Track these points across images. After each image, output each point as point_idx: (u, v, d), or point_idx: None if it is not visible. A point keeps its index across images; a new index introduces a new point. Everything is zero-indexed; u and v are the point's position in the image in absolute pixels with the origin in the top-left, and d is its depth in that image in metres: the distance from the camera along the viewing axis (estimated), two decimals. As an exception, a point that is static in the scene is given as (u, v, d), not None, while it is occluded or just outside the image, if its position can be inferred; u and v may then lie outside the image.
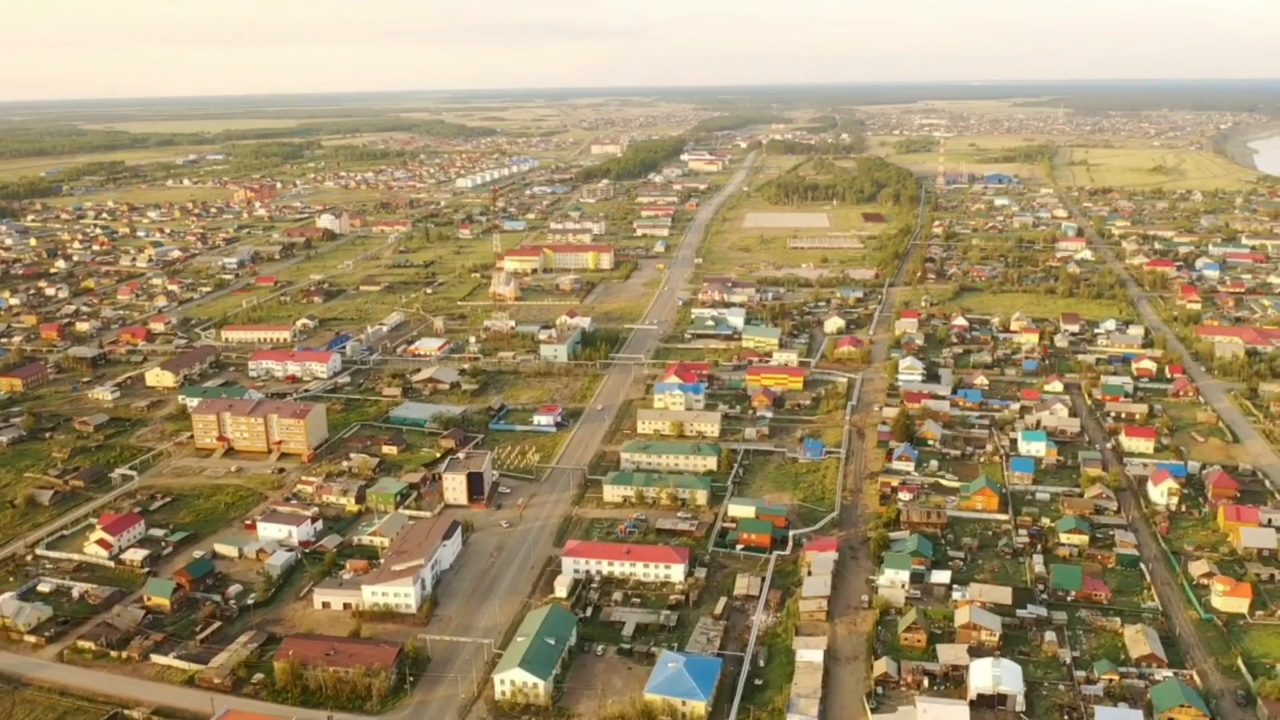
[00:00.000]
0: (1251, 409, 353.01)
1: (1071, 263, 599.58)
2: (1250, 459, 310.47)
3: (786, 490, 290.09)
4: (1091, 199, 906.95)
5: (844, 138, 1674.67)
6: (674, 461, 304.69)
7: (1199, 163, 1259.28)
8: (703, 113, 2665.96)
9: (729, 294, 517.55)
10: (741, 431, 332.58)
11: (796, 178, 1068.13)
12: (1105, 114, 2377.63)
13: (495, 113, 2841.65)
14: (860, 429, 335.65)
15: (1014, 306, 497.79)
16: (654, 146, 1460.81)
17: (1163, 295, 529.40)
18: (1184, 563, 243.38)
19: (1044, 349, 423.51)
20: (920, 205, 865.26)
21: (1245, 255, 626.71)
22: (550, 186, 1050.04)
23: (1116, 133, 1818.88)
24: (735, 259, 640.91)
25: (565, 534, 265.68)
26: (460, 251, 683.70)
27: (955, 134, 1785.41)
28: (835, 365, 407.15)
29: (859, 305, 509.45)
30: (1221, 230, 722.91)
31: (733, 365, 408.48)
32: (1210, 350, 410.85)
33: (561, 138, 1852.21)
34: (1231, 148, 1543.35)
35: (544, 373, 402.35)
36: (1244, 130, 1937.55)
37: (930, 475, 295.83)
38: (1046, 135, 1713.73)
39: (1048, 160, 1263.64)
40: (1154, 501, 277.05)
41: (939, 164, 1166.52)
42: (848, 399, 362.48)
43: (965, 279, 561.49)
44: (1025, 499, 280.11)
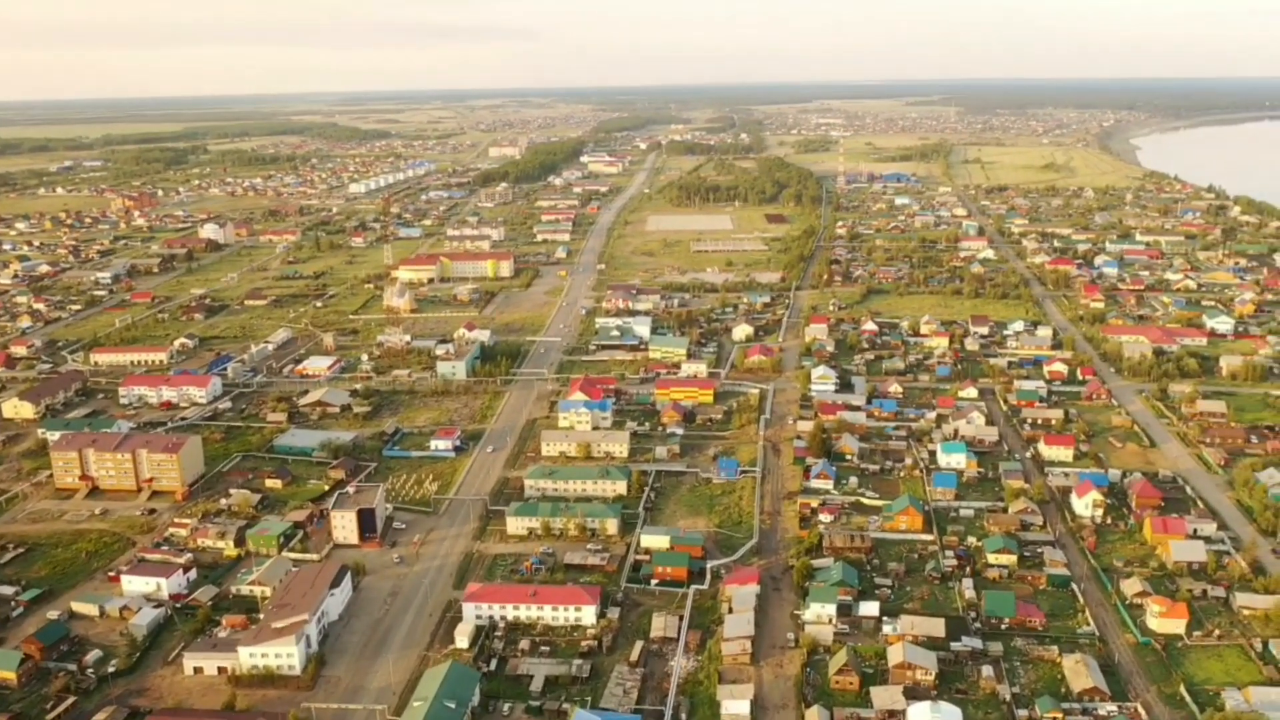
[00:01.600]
0: (1164, 411, 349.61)
1: (975, 262, 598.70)
2: (1169, 464, 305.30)
3: (701, 514, 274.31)
4: (989, 197, 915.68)
5: (743, 138, 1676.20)
6: (581, 487, 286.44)
7: (1087, 160, 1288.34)
8: (601, 113, 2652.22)
9: (634, 301, 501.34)
10: (652, 451, 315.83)
11: (698, 179, 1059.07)
12: (994, 112, 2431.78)
13: (390, 115, 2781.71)
14: (775, 444, 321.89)
15: (922, 309, 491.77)
16: (553, 148, 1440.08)
17: (1066, 294, 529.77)
18: (1116, 581, 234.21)
19: (955, 353, 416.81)
20: (822, 205, 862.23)
21: (1141, 252, 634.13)
22: (447, 191, 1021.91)
23: (1006, 131, 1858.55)
24: (639, 264, 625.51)
25: (466, 573, 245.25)
26: (353, 261, 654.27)
27: (852, 133, 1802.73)
28: (746, 375, 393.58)
29: (766, 310, 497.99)
30: (1116, 227, 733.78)
31: (640, 378, 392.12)
32: (1118, 351, 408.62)
33: (459, 140, 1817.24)
34: (1115, 145, 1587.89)
35: (442, 391, 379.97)
36: (1125, 128, 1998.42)
37: (850, 493, 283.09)
38: (940, 134, 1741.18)
39: (943, 159, 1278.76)
40: (1079, 514, 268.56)
41: (839, 163, 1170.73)
42: (760, 412, 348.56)
43: (872, 281, 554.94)
44: (949, 516, 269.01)
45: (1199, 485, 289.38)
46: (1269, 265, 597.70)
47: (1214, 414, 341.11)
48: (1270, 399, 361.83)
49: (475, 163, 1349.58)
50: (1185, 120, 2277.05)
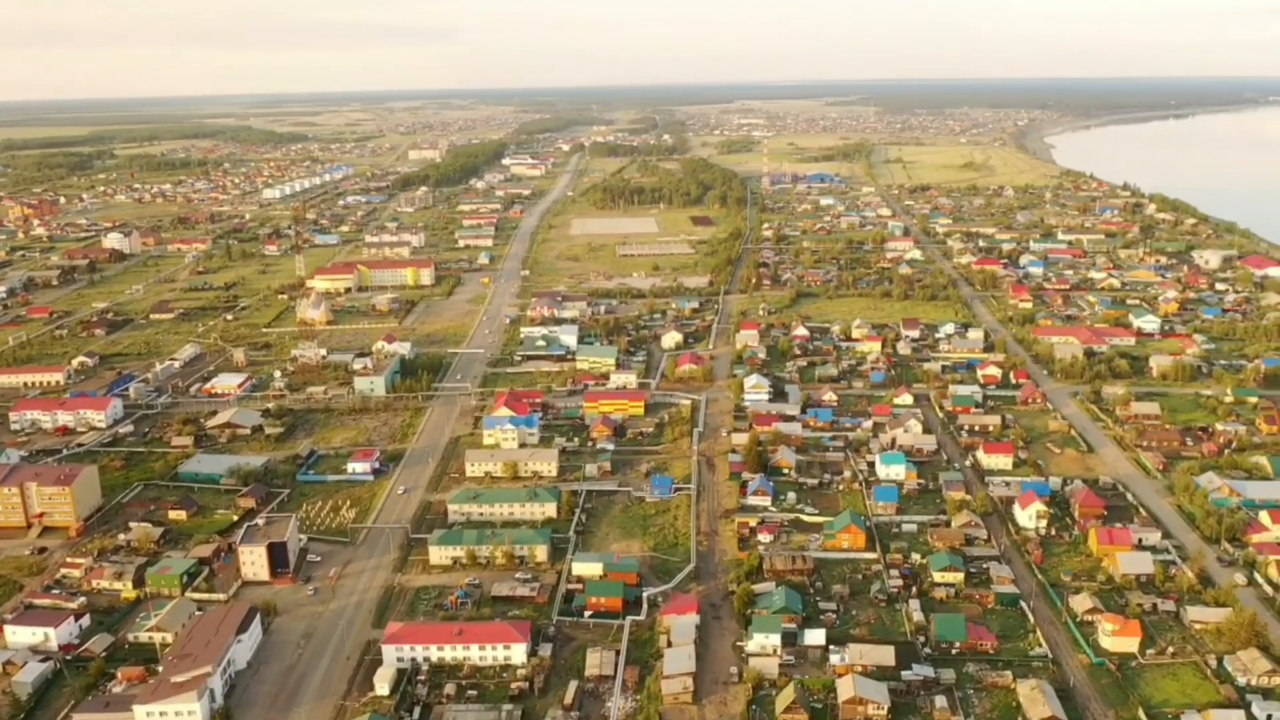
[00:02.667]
0: (1098, 414, 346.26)
1: (903, 263, 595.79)
2: (1107, 469, 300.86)
3: (635, 537, 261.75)
4: (912, 197, 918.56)
5: (666, 139, 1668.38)
6: (509, 510, 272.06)
7: (1005, 159, 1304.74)
8: (523, 115, 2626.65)
9: (559, 309, 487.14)
10: (581, 469, 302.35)
11: (622, 180, 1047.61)
12: (912, 112, 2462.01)
13: (307, 118, 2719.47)
14: (709, 459, 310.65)
15: (852, 312, 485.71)
16: (474, 151, 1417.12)
17: (994, 295, 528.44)
18: (1065, 597, 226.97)
19: (888, 357, 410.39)
20: (748, 207, 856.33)
21: (1064, 251, 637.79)
22: (365, 195, 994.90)
23: (925, 130, 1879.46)
24: (564, 269, 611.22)
25: (387, 610, 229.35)
26: (266, 270, 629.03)
27: (774, 133, 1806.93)
28: (677, 385, 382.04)
29: (695, 316, 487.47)
30: (1038, 226, 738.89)
31: (568, 390, 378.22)
32: (1050, 352, 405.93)
33: (377, 143, 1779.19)
34: (1031, 143, 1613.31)
35: (359, 409, 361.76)
36: (1040, 126, 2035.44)
37: (789, 510, 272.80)
38: (861, 133, 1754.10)
39: (865, 158, 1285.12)
40: (1023, 526, 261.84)
41: (763, 164, 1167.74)
42: (693, 424, 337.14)
43: (801, 284, 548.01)
44: (892, 532, 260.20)
45: (1139, 491, 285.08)
46: (1188, 263, 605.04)
47: (1148, 416, 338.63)
48: (1202, 399, 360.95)
49: (395, 166, 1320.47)
50: (1095, 119, 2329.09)
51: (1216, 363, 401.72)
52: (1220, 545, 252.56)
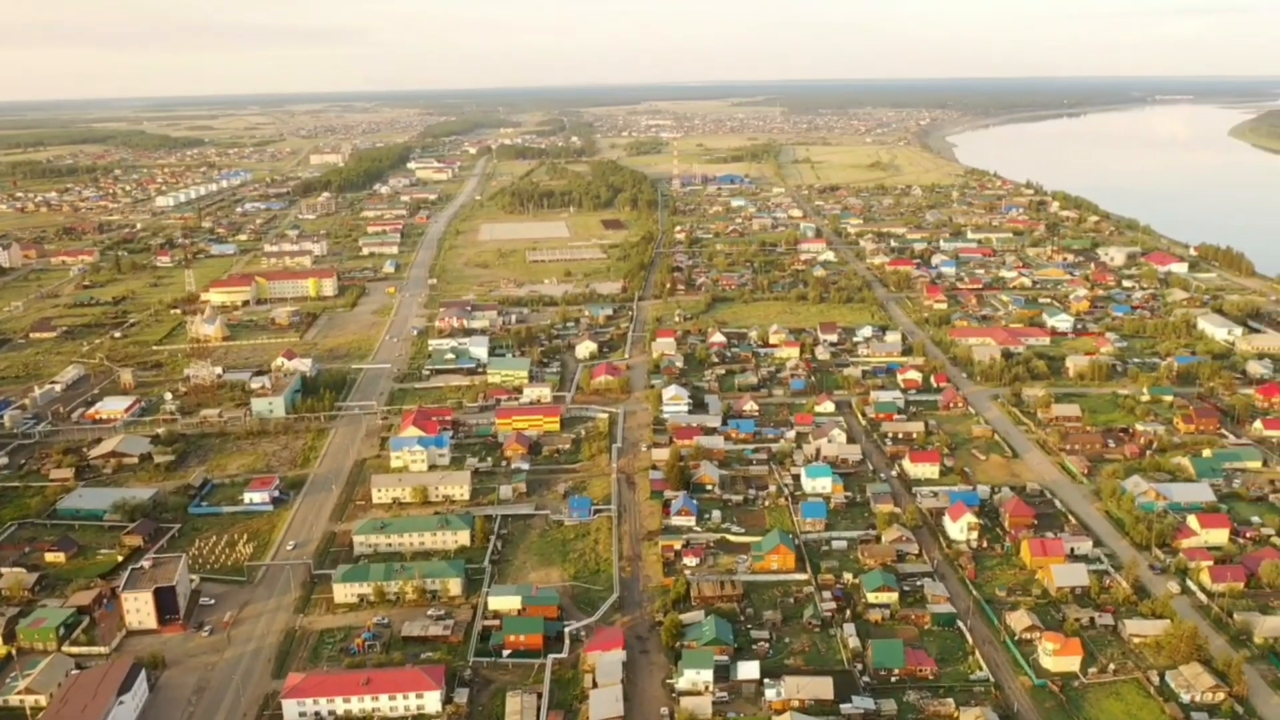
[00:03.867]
0: (1020, 417, 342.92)
1: (817, 265, 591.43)
2: (1034, 475, 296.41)
3: (555, 564, 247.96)
4: (822, 197, 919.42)
5: (574, 141, 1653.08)
6: (419, 540, 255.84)
7: (910, 158, 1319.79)
8: (429, 117, 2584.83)
9: (469, 319, 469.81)
10: (496, 491, 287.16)
11: (530, 184, 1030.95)
12: (817, 112, 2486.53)
13: (204, 121, 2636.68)
14: (629, 476, 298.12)
15: (769, 316, 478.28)
16: (379, 155, 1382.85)
17: (909, 296, 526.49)
18: (1002, 615, 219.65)
19: (807, 363, 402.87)
20: (659, 209, 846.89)
21: (975, 250, 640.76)
22: (264, 202, 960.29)
23: (831, 130, 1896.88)
24: (473, 277, 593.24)
25: (288, 657, 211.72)
26: (158, 283, 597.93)
27: (683, 135, 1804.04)
28: (593, 398, 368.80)
29: (610, 324, 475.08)
30: (948, 225, 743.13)
31: (479, 405, 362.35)
32: (968, 354, 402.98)
33: (278, 147, 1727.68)
34: (934, 142, 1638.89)
35: (257, 432, 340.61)
36: (941, 125, 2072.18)
37: (714, 530, 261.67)
38: (768, 134, 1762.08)
39: (774, 159, 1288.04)
40: (954, 539, 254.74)
41: (673, 165, 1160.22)
42: (611, 439, 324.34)
43: (716, 288, 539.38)
44: (821, 550, 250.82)
45: (1066, 497, 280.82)
46: (1094, 260, 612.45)
47: (1070, 418, 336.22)
48: (1119, 399, 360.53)
49: (295, 171, 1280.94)
50: (994, 118, 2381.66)
51: (1130, 361, 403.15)
52: (1151, 552, 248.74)
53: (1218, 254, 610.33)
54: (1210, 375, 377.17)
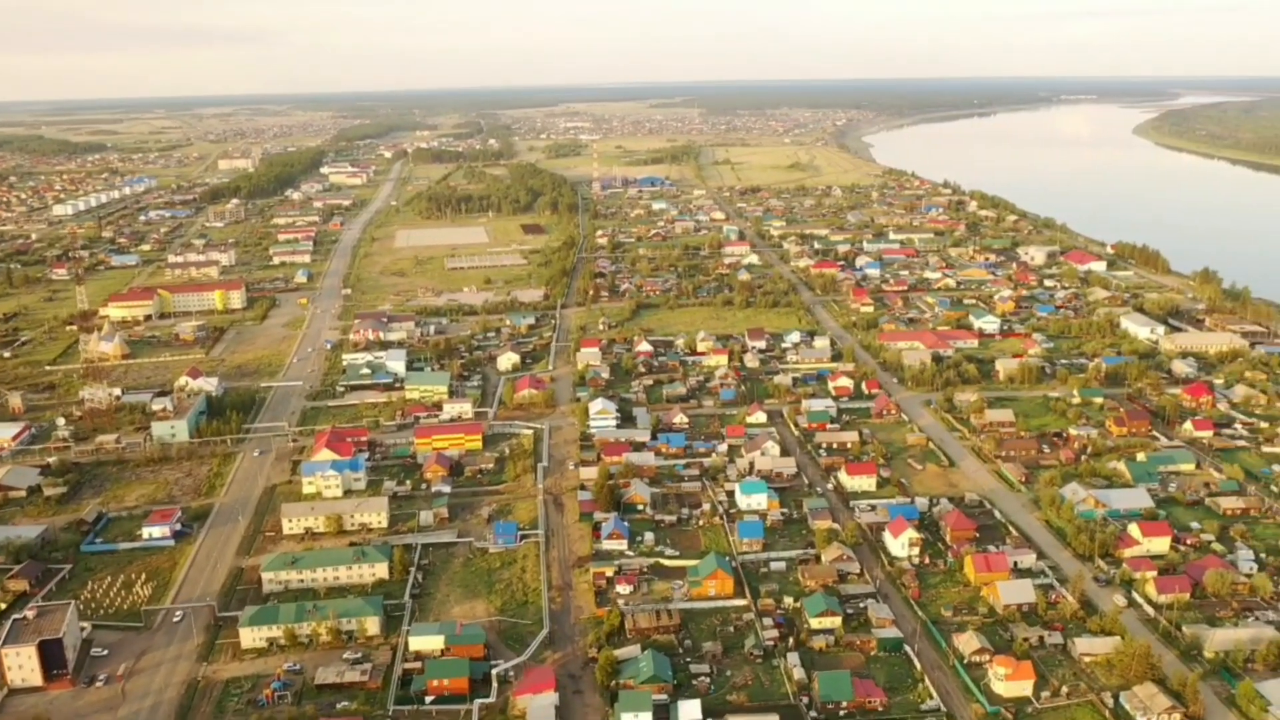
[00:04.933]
0: (954, 423, 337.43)
1: (741, 269, 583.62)
2: (971, 484, 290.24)
3: (480, 596, 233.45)
4: (743, 199, 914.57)
5: (492, 144, 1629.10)
6: (333, 575, 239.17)
7: (829, 158, 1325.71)
8: (342, 120, 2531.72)
9: (385, 331, 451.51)
10: (415, 517, 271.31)
11: (448, 188, 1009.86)
12: (735, 113, 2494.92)
13: (107, 125, 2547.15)
14: (557, 497, 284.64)
15: (695, 323, 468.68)
16: (290, 159, 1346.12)
17: (835, 299, 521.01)
18: (949, 637, 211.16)
19: (736, 371, 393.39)
20: (580, 213, 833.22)
21: (898, 251, 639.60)
22: (170, 210, 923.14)
23: (750, 131, 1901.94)
24: (389, 286, 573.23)
25: (189, 712, 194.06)
26: (54, 298, 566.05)
27: (602, 136, 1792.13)
28: (517, 413, 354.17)
29: (533, 333, 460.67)
30: (869, 226, 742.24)
31: (396, 424, 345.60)
32: (898, 359, 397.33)
33: (185, 152, 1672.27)
34: (851, 142, 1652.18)
35: (159, 459, 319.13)
36: (857, 126, 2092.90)
37: (648, 553, 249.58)
38: (687, 135, 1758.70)
39: (694, 160, 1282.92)
40: (896, 556, 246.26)
41: (593, 168, 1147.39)
42: (536, 458, 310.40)
43: (640, 294, 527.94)
44: (760, 572, 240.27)
45: (1006, 507, 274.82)
46: (1015, 260, 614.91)
47: (1003, 424, 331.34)
48: (1050, 402, 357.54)
49: (203, 177, 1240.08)
50: (908, 118, 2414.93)
51: (1059, 363, 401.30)
52: (1095, 563, 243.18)
53: (1134, 252, 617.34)
54: (1137, 376, 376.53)
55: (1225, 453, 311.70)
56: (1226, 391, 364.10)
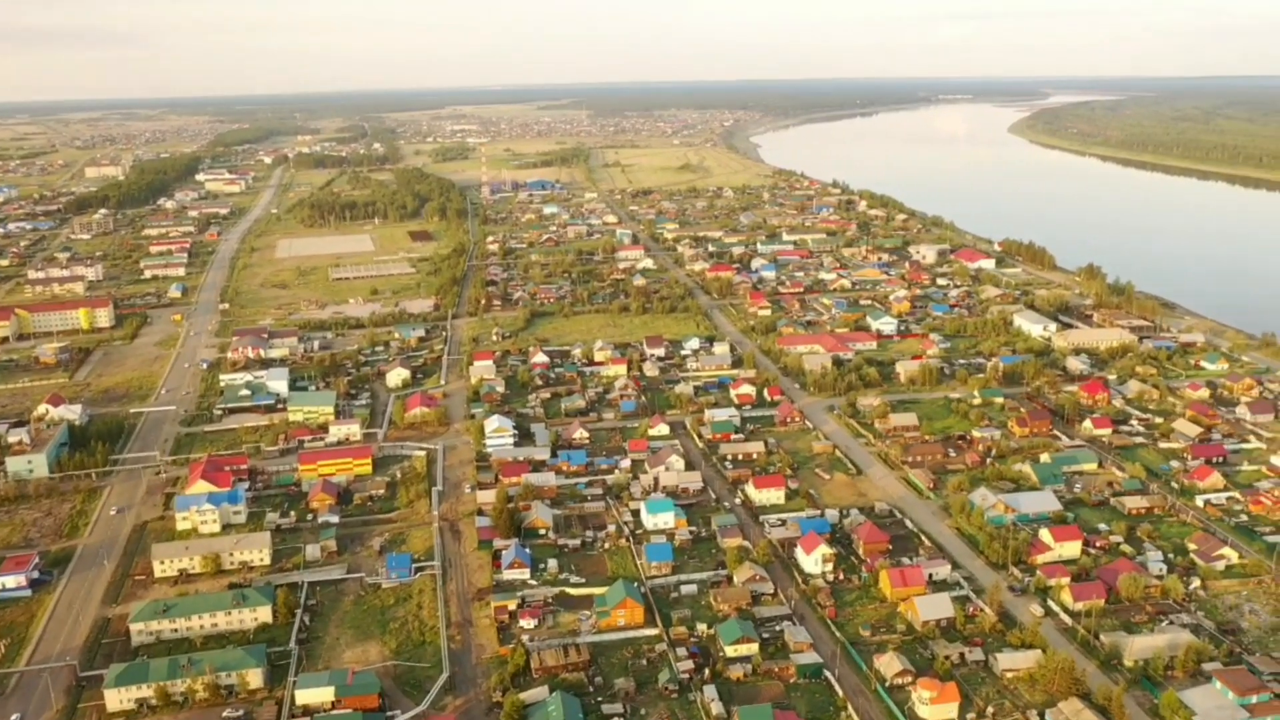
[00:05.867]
0: (859, 429, 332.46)
1: (636, 274, 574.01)
2: (880, 493, 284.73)
3: (373, 638, 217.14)
4: (635, 201, 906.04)
5: (377, 148, 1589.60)
6: (211, 622, 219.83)
7: (719, 159, 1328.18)
8: (219, 125, 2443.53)
9: (266, 348, 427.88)
10: (301, 552, 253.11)
11: (331, 195, 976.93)
12: (623, 115, 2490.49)
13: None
14: (453, 523, 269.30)
15: (592, 331, 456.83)
16: (163, 166, 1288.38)
17: (732, 303, 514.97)
18: (869, 658, 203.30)
19: (636, 381, 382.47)
20: (469, 219, 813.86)
21: (792, 252, 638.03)
22: (31, 221, 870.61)
23: (638, 132, 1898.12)
24: (270, 299, 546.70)
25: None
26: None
27: (490, 139, 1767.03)
28: (408, 433, 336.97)
29: (423, 346, 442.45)
30: (762, 227, 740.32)
31: (279, 449, 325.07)
32: (799, 364, 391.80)
33: (49, 159, 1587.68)
34: (739, 143, 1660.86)
35: (14, 497, 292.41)
36: (744, 126, 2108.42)
37: (552, 582, 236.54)
38: (576, 137, 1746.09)
39: (584, 163, 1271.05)
40: (809, 573, 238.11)
41: (481, 172, 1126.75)
42: (431, 481, 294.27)
43: (534, 302, 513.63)
44: (671, 598, 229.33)
45: (916, 515, 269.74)
46: (907, 259, 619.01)
47: (908, 428, 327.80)
48: (952, 403, 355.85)
49: (69, 186, 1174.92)
50: (793, 118, 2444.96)
51: (957, 363, 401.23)
52: (1009, 571, 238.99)
53: (1021, 249, 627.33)
54: (1035, 374, 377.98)
55: (1125, 450, 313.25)
56: (1121, 388, 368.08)
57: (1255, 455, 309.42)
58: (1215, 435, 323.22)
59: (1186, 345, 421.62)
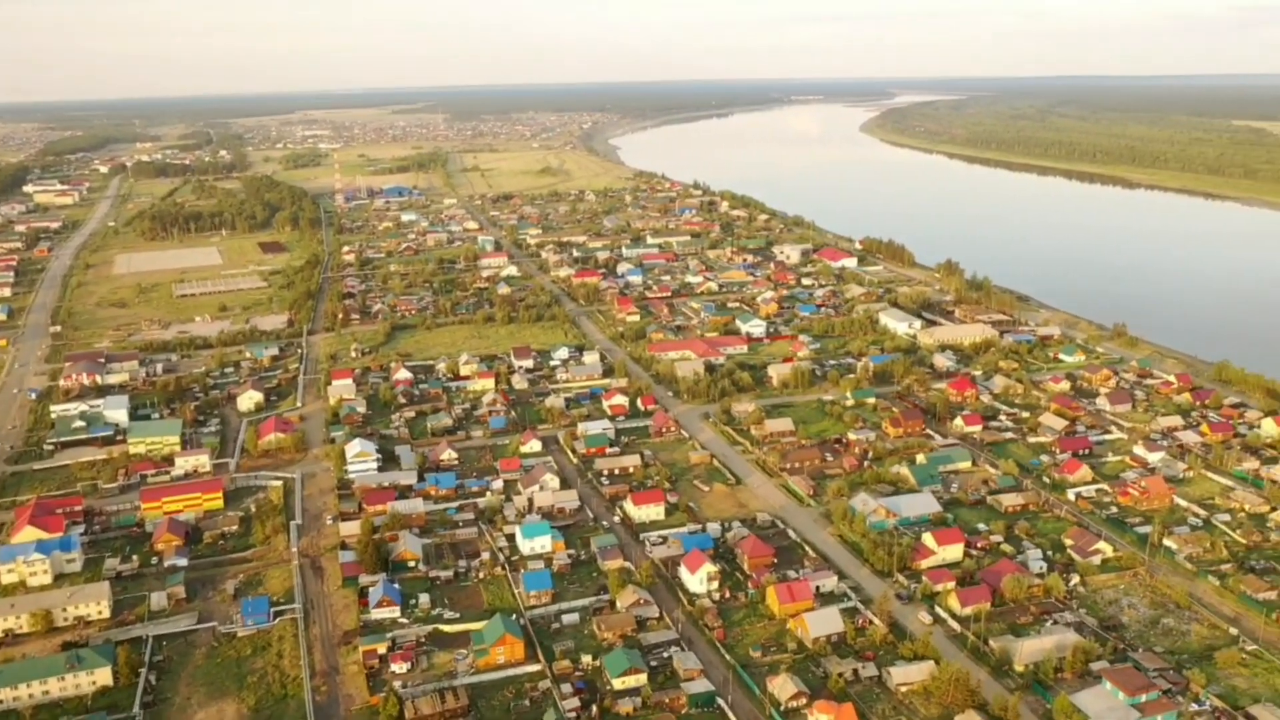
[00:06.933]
0: (735, 436, 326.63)
1: (500, 282, 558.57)
2: (760, 503, 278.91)
3: (229, 694, 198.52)
4: (496, 207, 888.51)
5: (223, 155, 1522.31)
6: (41, 690, 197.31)
7: (579, 162, 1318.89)
8: (49, 133, 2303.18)
9: (103, 374, 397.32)
10: (145, 601, 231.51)
11: (174, 205, 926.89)
12: (481, 118, 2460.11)
13: None
14: (315, 560, 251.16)
15: (456, 343, 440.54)
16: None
17: (600, 309, 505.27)
18: (762, 681, 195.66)
19: (504, 395, 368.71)
20: (323, 228, 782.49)
21: (657, 255, 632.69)
22: None
23: (496, 136, 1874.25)
24: (108, 320, 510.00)
25: None
26: None
27: (343, 145, 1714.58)
28: (263, 461, 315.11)
29: (276, 365, 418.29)
30: (626, 230, 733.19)
31: (119, 485, 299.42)
32: (671, 371, 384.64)
33: None
34: (598, 145, 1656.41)
35: None
36: (603, 128, 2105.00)
37: (425, 619, 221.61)
38: (433, 142, 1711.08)
39: (442, 168, 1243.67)
40: (695, 593, 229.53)
41: (335, 179, 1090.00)
42: (288, 514, 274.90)
43: (394, 315, 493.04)
44: (552, 629, 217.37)
45: (798, 524, 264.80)
46: (771, 259, 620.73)
47: (784, 433, 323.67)
48: (826, 406, 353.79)
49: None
50: (651, 120, 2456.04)
51: (828, 364, 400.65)
52: (894, 578, 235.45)
53: (880, 247, 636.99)
54: (904, 373, 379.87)
55: (996, 447, 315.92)
56: (987, 383, 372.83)
57: (1118, 446, 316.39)
58: (1080, 428, 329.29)
59: (1045, 339, 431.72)
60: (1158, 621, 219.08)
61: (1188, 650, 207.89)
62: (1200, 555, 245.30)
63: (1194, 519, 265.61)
